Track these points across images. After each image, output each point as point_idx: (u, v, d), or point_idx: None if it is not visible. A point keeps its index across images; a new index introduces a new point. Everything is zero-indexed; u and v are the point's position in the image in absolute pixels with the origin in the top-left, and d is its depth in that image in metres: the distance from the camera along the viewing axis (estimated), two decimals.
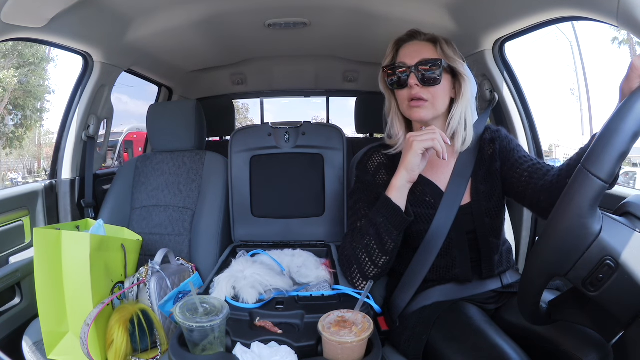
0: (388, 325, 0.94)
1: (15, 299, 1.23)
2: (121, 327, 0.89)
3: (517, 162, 0.92)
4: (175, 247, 1.34)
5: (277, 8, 1.41)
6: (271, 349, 0.70)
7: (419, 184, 0.93)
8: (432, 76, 0.88)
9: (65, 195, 1.48)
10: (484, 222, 0.92)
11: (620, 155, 0.50)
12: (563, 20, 1.05)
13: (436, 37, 0.93)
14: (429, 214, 0.91)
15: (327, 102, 2.80)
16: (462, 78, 0.91)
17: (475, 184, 0.94)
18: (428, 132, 0.82)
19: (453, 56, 0.91)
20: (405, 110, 0.94)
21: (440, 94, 0.90)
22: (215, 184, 1.39)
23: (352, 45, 1.79)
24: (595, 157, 0.51)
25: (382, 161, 0.99)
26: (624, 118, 0.51)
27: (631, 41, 9.34)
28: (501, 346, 0.72)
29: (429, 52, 0.90)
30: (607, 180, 0.50)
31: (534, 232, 1.42)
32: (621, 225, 0.54)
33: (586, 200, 0.51)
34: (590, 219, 0.52)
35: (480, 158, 0.96)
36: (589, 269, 0.53)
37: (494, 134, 0.98)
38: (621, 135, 0.50)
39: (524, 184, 0.89)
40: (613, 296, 0.54)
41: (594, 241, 0.52)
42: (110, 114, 1.64)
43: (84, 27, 1.26)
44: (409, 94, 0.90)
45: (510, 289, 0.95)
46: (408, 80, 0.89)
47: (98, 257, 0.97)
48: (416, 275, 0.91)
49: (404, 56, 0.92)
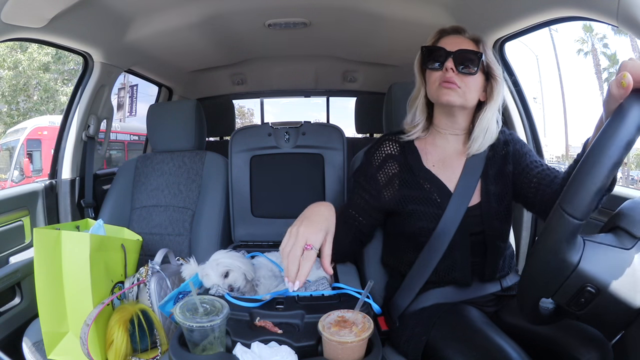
0: (388, 326, 0.94)
1: (15, 299, 1.23)
2: (121, 327, 0.89)
3: (528, 167, 0.91)
4: (175, 247, 1.34)
5: (277, 8, 1.41)
6: (271, 349, 0.69)
7: (428, 180, 0.91)
8: (469, 65, 0.86)
9: (65, 195, 1.48)
10: (494, 225, 0.90)
11: (596, 192, 0.51)
12: (563, 20, 1.05)
13: (480, 37, 0.91)
14: (436, 213, 0.89)
15: (327, 103, 2.80)
16: (495, 81, 0.89)
17: (486, 184, 0.91)
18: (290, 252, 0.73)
19: (492, 59, 0.89)
20: (433, 92, 0.89)
21: (472, 86, 0.87)
22: (215, 184, 1.39)
23: (352, 45, 1.79)
24: (570, 197, 0.52)
25: (392, 152, 0.96)
26: (599, 155, 0.51)
27: (594, 52, 9.67)
28: (501, 346, 0.72)
29: (470, 47, 0.88)
30: (583, 218, 0.51)
31: (534, 232, 1.42)
32: (604, 248, 0.55)
33: (562, 237, 0.53)
34: (568, 253, 0.53)
35: (492, 157, 0.93)
36: (569, 295, 0.55)
37: (507, 136, 0.96)
38: (596, 173, 0.51)
39: (533, 191, 0.88)
40: (598, 315, 0.56)
41: (572, 272, 0.54)
42: (110, 113, 1.64)
43: (84, 27, 1.26)
44: (442, 76, 0.87)
45: (509, 291, 0.94)
46: (445, 63, 0.87)
47: (98, 257, 0.97)
48: (420, 276, 0.90)
49: (445, 44, 0.89)
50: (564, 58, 10.70)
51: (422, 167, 0.93)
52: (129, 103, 11.39)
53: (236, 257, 0.98)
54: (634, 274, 0.54)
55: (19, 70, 9.80)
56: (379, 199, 0.93)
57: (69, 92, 9.67)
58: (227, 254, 0.98)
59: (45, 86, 10.14)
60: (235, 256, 0.98)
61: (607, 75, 9.86)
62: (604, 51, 10.27)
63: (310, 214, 0.80)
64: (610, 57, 10.11)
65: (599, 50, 10.25)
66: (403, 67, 2.01)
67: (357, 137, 2.64)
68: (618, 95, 0.53)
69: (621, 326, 0.56)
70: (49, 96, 10.30)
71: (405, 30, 1.47)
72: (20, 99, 10.32)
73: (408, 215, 0.90)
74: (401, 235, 0.95)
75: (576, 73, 11.52)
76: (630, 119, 0.51)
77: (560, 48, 10.78)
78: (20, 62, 9.72)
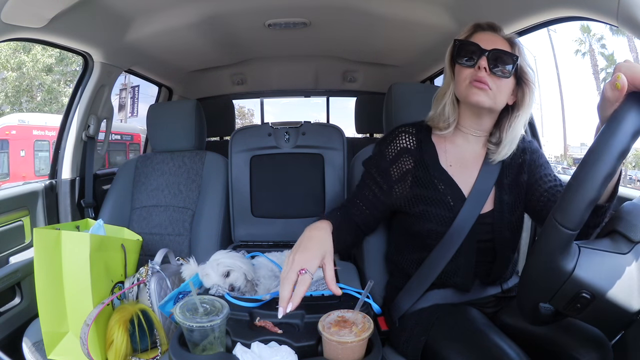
0: (388, 326, 0.94)
1: (15, 299, 1.23)
2: (121, 327, 0.89)
3: (541, 180, 0.88)
4: (175, 247, 1.34)
5: (277, 8, 1.41)
6: (271, 349, 0.69)
7: (443, 181, 0.88)
8: (503, 67, 0.81)
9: (65, 195, 1.48)
10: (505, 235, 0.88)
11: (588, 203, 0.51)
12: (563, 20, 1.05)
13: (516, 39, 0.86)
14: (447, 216, 0.87)
15: (327, 103, 2.80)
16: (527, 87, 0.85)
17: (500, 193, 0.89)
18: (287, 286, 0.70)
19: (528, 63, 0.85)
20: (462, 90, 0.84)
21: (504, 89, 0.83)
22: (215, 184, 1.39)
23: (352, 45, 1.79)
24: (563, 208, 0.52)
25: (408, 146, 0.91)
26: (591, 166, 0.51)
27: (592, 52, 9.72)
28: (500, 346, 0.72)
29: (505, 47, 0.84)
30: (575, 228, 0.52)
31: (533, 233, 1.42)
32: (599, 254, 0.55)
33: (555, 247, 0.53)
34: (562, 262, 0.54)
35: (509, 164, 0.90)
36: (565, 301, 0.56)
37: (525, 144, 0.92)
38: (588, 185, 0.51)
39: (541, 205, 0.87)
40: (596, 318, 0.56)
41: (567, 279, 0.54)
42: (110, 113, 1.64)
43: (84, 27, 1.26)
44: (474, 74, 0.82)
45: (509, 293, 0.94)
46: (478, 60, 0.82)
47: (98, 257, 0.97)
48: (425, 279, 0.89)
49: (479, 39, 0.84)
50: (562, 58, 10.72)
51: (438, 166, 0.89)
52: (131, 104, 11.40)
53: (236, 257, 0.99)
54: (630, 279, 0.54)
55: (23, 71, 9.82)
56: (390, 194, 0.90)
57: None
58: (227, 254, 0.98)
59: (48, 88, 10.15)
60: (235, 256, 0.99)
61: (604, 75, 9.87)
62: (601, 52, 10.30)
63: (305, 241, 0.78)
64: (607, 57, 10.14)
65: (596, 50, 10.27)
66: (403, 67, 2.02)
67: (357, 137, 2.64)
68: (613, 98, 0.53)
69: (621, 326, 0.56)
70: (52, 97, 10.32)
71: (406, 30, 1.47)
72: (23, 99, 10.33)
73: (417, 216, 0.88)
74: (408, 234, 0.93)
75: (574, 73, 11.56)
76: (623, 130, 0.50)
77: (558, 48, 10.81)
78: (24, 63, 9.73)
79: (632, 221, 0.56)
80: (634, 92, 0.52)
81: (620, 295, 0.54)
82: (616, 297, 0.54)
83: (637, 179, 9.22)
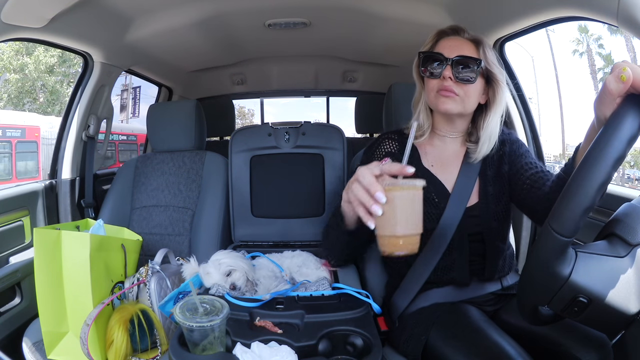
0: (388, 326, 0.94)
1: (15, 299, 1.23)
2: (121, 327, 0.89)
3: (522, 169, 0.90)
4: (175, 247, 1.34)
5: (277, 8, 1.41)
6: (271, 349, 0.69)
7: (426, 180, 0.89)
8: (467, 74, 0.84)
9: (65, 195, 1.48)
10: (492, 225, 0.90)
11: (583, 211, 0.51)
12: (563, 20, 1.05)
13: (480, 38, 0.88)
14: (434, 213, 0.89)
15: (327, 103, 2.80)
16: (497, 85, 0.87)
17: (484, 185, 0.92)
18: (362, 188, 0.67)
19: (493, 61, 0.87)
20: (431, 100, 0.88)
21: (471, 93, 0.86)
22: (215, 184, 1.39)
23: (352, 45, 1.79)
24: (558, 215, 0.53)
25: (391, 150, 0.95)
26: (587, 173, 0.51)
27: (589, 52, 9.72)
28: (501, 344, 0.72)
29: (470, 50, 0.86)
30: (571, 235, 0.52)
31: (533, 232, 1.42)
32: (596, 258, 0.55)
33: (551, 253, 0.54)
34: (558, 267, 0.54)
35: (491, 157, 0.93)
36: (563, 305, 0.56)
37: (505, 136, 0.95)
38: (584, 192, 0.51)
39: (525, 192, 0.88)
40: (594, 320, 0.57)
41: (563, 285, 0.54)
42: (110, 113, 1.64)
43: (84, 27, 1.26)
44: (440, 84, 0.86)
45: (509, 290, 0.94)
46: (443, 71, 0.85)
47: (98, 257, 0.97)
48: (419, 276, 0.90)
49: (443, 48, 0.87)
50: (560, 58, 10.75)
51: (420, 166, 0.93)
52: (132, 105, 11.41)
53: (237, 257, 0.99)
54: (627, 282, 0.54)
55: (25, 73, 9.82)
56: None
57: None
58: (228, 254, 0.99)
59: (51, 89, 10.16)
60: (236, 256, 0.99)
61: (602, 75, 9.90)
62: (599, 51, 10.33)
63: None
64: (605, 57, 10.17)
65: (594, 50, 10.31)
66: (403, 67, 2.01)
67: (357, 137, 2.64)
68: (616, 91, 0.52)
69: (620, 327, 0.56)
70: (54, 98, 10.33)
71: (405, 30, 1.47)
72: (26, 100, 10.34)
73: None
74: None
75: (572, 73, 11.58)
76: (619, 136, 0.50)
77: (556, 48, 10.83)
78: (26, 64, 9.74)
79: (630, 224, 0.57)
80: (631, 96, 0.51)
81: (618, 299, 0.54)
82: (613, 301, 0.54)
83: (635, 178, 9.22)
